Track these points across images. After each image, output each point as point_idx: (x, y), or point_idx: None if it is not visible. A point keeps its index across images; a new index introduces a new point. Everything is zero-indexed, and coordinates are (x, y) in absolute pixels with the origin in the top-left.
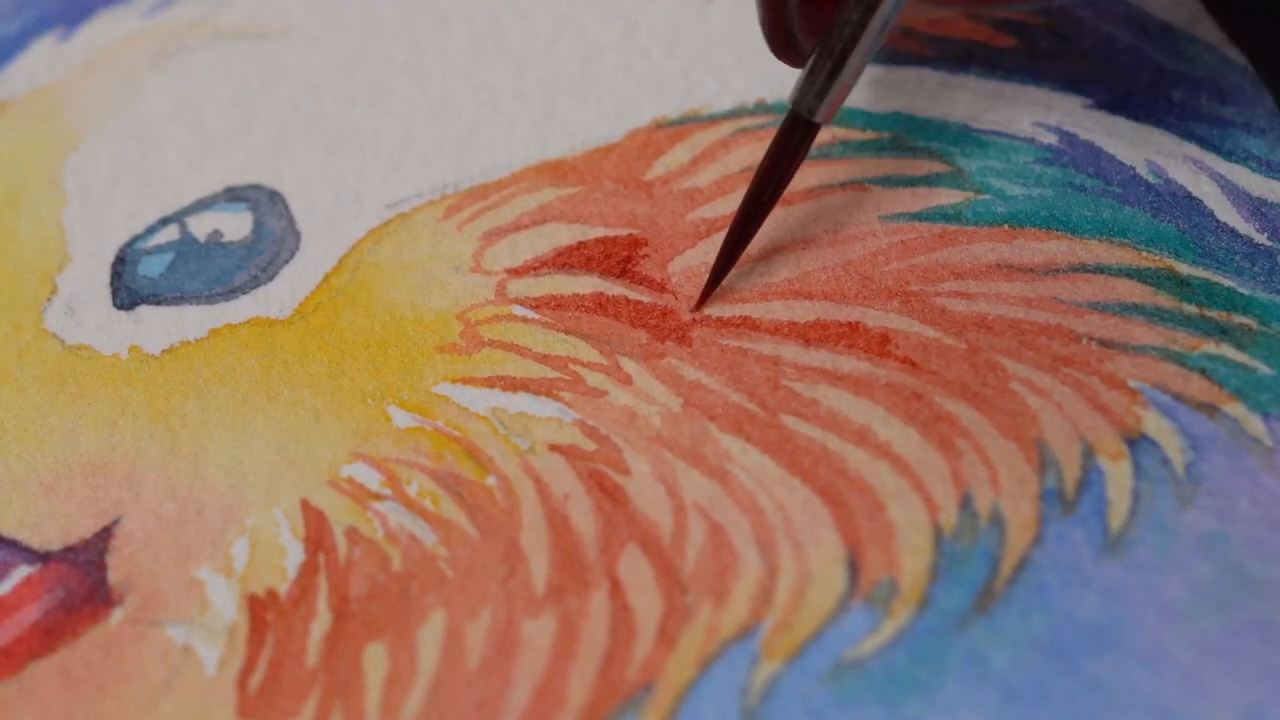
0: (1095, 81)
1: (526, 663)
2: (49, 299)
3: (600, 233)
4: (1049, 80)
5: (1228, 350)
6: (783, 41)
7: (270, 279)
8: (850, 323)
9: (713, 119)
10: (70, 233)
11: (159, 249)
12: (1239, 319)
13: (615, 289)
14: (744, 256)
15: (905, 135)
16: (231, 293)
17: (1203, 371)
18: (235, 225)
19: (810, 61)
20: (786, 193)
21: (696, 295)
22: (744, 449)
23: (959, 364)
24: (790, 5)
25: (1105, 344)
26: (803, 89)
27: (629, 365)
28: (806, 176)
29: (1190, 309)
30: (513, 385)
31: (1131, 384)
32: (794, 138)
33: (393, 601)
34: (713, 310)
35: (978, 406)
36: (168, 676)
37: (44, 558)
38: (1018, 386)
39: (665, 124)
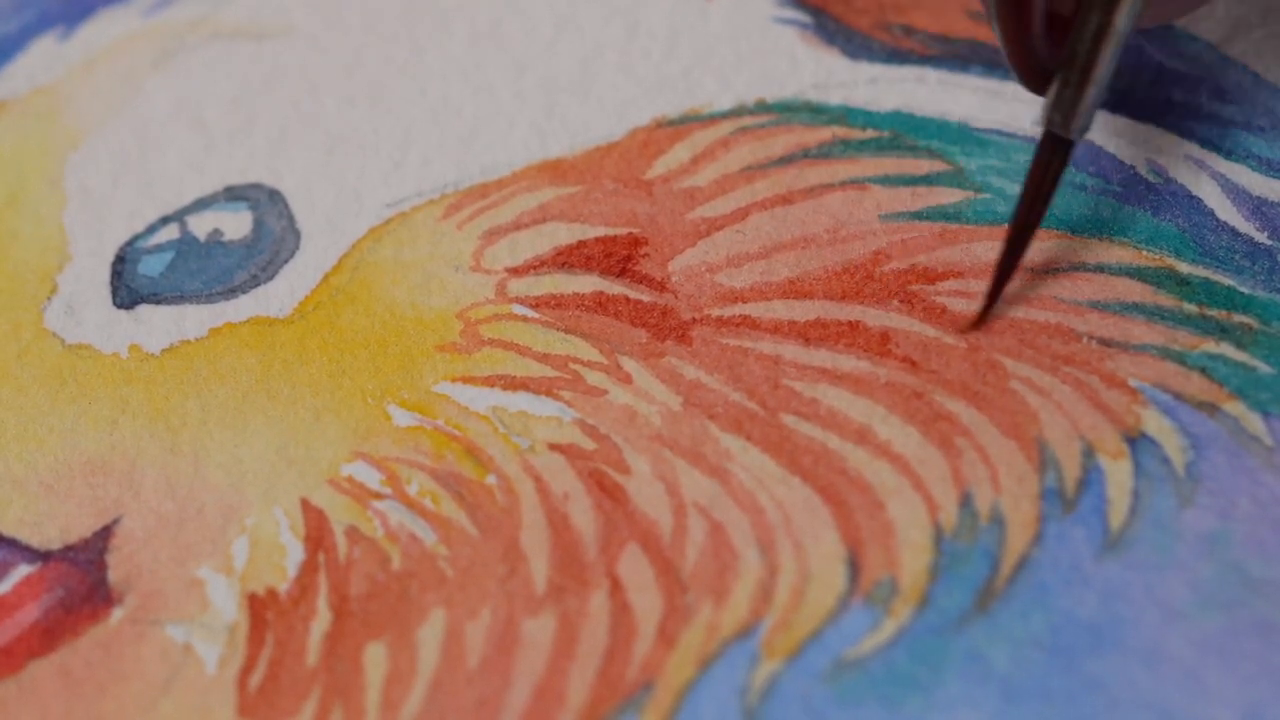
0: None
1: (526, 662)
2: (49, 298)
3: (600, 232)
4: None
5: (1228, 349)
6: (1035, 74)
7: (270, 278)
8: (850, 322)
9: (713, 118)
10: (70, 232)
11: (159, 248)
12: (1239, 318)
13: (615, 288)
14: (744, 255)
15: (905, 134)
16: (231, 292)
17: (1203, 370)
18: (235, 224)
19: (1057, 80)
20: (787, 191)
21: (697, 294)
22: (744, 448)
23: (959, 363)
24: (1034, 35)
25: (1105, 343)
26: (1053, 107)
27: (629, 364)
28: (806, 175)
29: (1190, 308)
30: (513, 384)
31: (1131, 383)
32: (1050, 156)
33: (393, 600)
34: (713, 310)
35: (978, 405)
36: (168, 675)
37: (44, 557)
38: (1018, 385)
39: (665, 123)
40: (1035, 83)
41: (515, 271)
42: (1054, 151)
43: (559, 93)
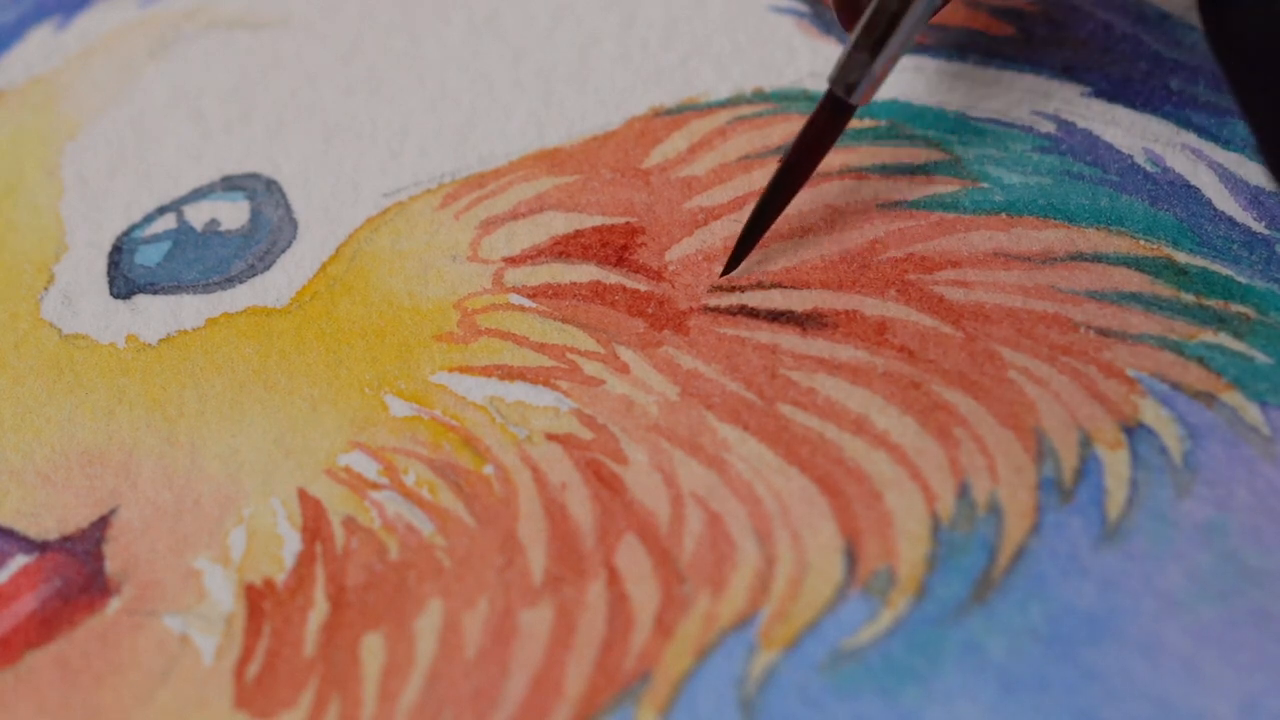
0: (1093, 69)
1: (524, 652)
2: (46, 288)
3: (597, 221)
4: (1046, 68)
5: (1225, 339)
6: (852, 13)
7: (267, 268)
8: (848, 311)
9: (710, 107)
10: (68, 222)
11: (156, 238)
12: (1236, 307)
13: (612, 277)
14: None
15: (903, 123)
16: (228, 282)
17: (1200, 360)
18: (232, 214)
19: (851, 41)
20: None
21: (694, 283)
22: (742, 438)
23: (956, 353)
24: None
25: (1103, 332)
26: (842, 69)
27: (626, 354)
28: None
29: (1188, 297)
30: (510, 374)
31: (1129, 372)
32: (828, 118)
33: (390, 591)
34: (710, 299)
35: (975, 395)
36: (165, 666)
37: (41, 547)
38: (1015, 375)
39: (663, 112)
40: (852, 25)
41: (512, 261)
42: (833, 114)
43: (556, 82)
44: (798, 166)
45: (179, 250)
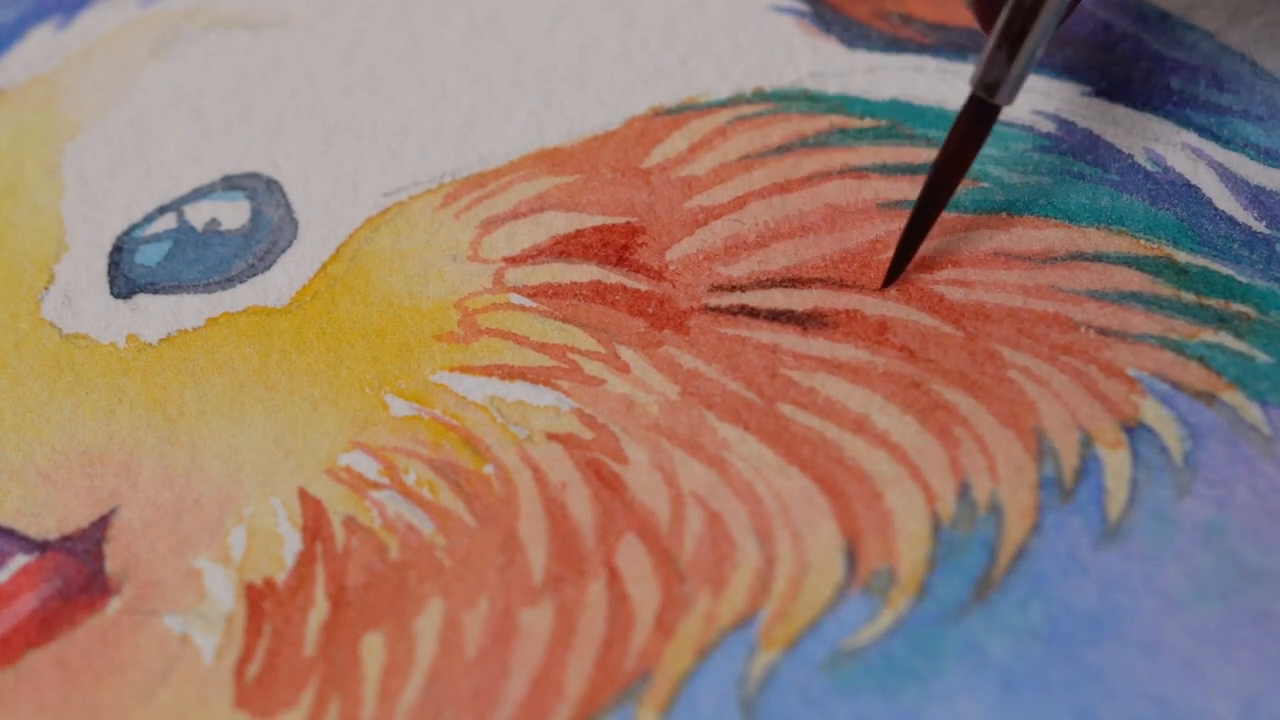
0: (1093, 69)
1: (524, 652)
2: (46, 288)
3: (598, 221)
4: (1047, 67)
5: (1226, 338)
6: (989, 15)
7: (268, 268)
8: (848, 311)
9: (710, 107)
10: (68, 221)
11: (156, 238)
12: (1237, 307)
13: (613, 277)
14: (742, 245)
15: (903, 123)
16: (229, 281)
17: (1201, 359)
18: (233, 214)
19: (990, 43)
20: (784, 180)
21: (695, 283)
22: (742, 437)
23: (957, 352)
24: None
25: (1103, 332)
26: (983, 71)
27: (627, 354)
28: (804, 164)
29: (1188, 297)
30: (510, 374)
31: (1130, 372)
32: (972, 122)
33: (390, 591)
34: (710, 299)
35: (976, 395)
36: (165, 666)
37: (41, 547)
38: (1016, 375)
39: (663, 112)
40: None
41: (513, 261)
42: (978, 117)
43: (557, 82)
44: (947, 174)
45: (179, 250)
